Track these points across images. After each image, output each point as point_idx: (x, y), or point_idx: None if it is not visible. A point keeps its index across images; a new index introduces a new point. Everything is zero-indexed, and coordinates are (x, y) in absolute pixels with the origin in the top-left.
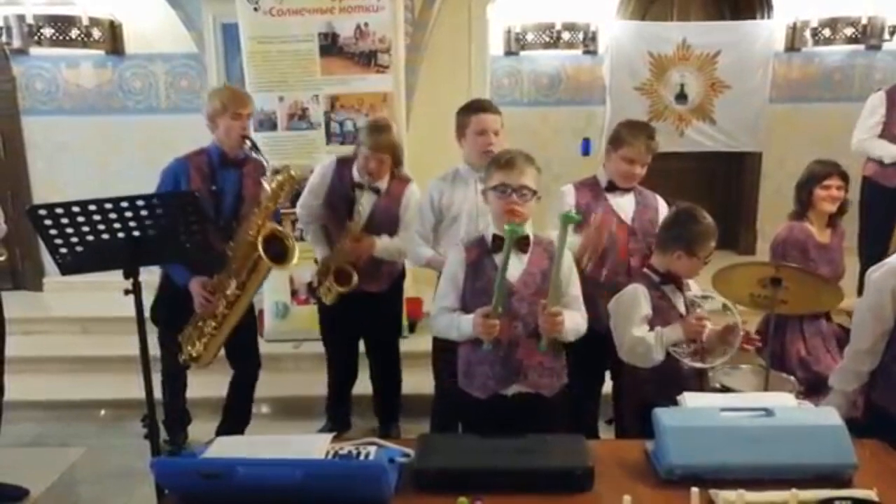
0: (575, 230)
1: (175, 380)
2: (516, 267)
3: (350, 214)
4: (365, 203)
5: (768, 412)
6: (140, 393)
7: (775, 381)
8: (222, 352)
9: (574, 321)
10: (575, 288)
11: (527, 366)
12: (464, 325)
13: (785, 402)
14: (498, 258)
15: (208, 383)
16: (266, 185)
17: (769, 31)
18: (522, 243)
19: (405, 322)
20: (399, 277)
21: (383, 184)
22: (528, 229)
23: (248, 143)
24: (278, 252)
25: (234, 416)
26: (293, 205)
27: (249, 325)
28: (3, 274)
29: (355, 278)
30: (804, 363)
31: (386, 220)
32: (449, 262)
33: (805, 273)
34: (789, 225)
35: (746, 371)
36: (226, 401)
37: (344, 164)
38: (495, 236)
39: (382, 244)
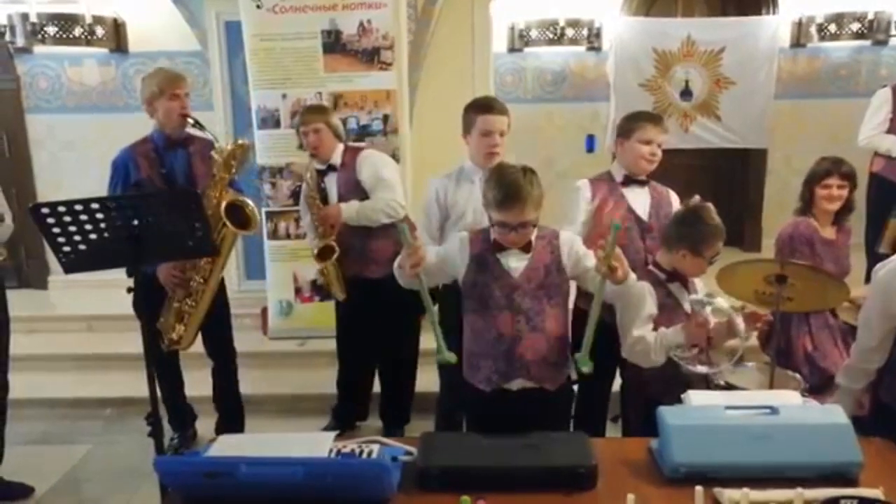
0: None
1: (168, 373)
2: (519, 262)
3: (325, 203)
4: (329, 184)
5: (773, 410)
6: (144, 391)
7: (781, 378)
8: None
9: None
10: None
11: (529, 360)
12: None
13: (790, 401)
14: (500, 256)
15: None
16: (217, 157)
17: (774, 27)
18: (524, 245)
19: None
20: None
21: (337, 158)
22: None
23: (190, 121)
24: (240, 219)
25: (226, 409)
26: (296, 203)
27: (222, 314)
28: (9, 272)
29: (336, 249)
30: (811, 358)
31: (352, 192)
32: (451, 244)
33: (811, 269)
34: (794, 221)
35: (751, 369)
36: (213, 395)
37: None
38: (497, 241)
39: (349, 207)
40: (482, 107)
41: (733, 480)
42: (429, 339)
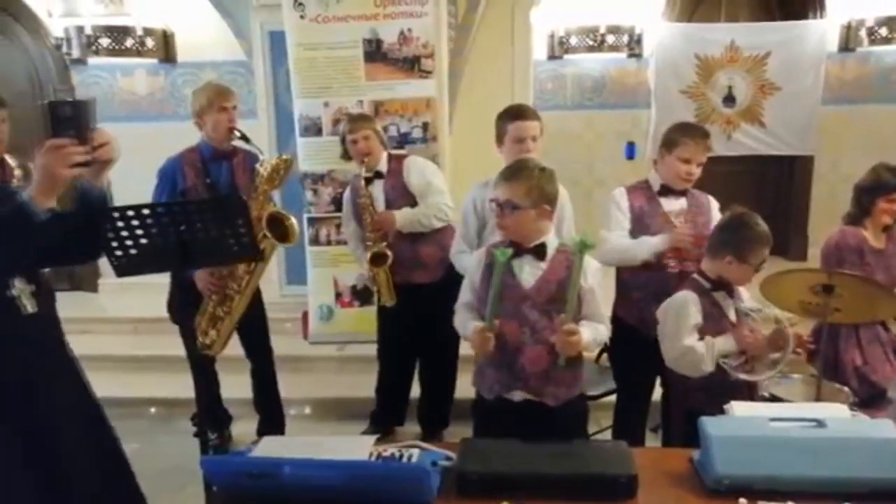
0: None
1: (204, 376)
2: (533, 273)
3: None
4: (376, 191)
5: (820, 423)
6: (187, 392)
7: (828, 391)
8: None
9: (595, 332)
10: (595, 304)
11: (530, 373)
12: (468, 331)
13: (838, 414)
14: (515, 263)
15: (249, 383)
16: (261, 170)
17: (822, 31)
18: (539, 251)
19: None
20: (451, 266)
21: (383, 165)
22: (551, 237)
23: (236, 133)
24: (280, 231)
25: (266, 411)
26: (337, 209)
27: (260, 316)
28: (62, 275)
29: (389, 255)
30: (861, 373)
31: (400, 198)
32: (472, 261)
33: (860, 280)
34: (842, 230)
35: (797, 381)
36: (253, 397)
37: (356, 177)
38: (512, 243)
39: (401, 214)
40: (514, 114)
41: (778, 494)
42: (465, 343)
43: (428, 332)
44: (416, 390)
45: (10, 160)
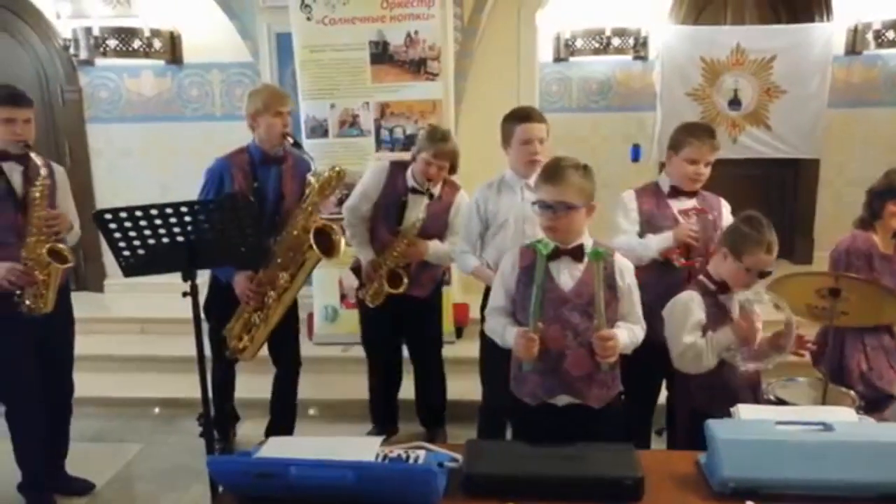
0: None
1: (224, 378)
2: (571, 275)
3: (399, 219)
4: (416, 205)
5: (827, 426)
6: (192, 392)
7: (834, 394)
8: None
9: (631, 334)
10: (632, 303)
11: (574, 376)
12: (507, 336)
13: (845, 417)
14: (553, 266)
15: (258, 384)
16: (312, 181)
17: (828, 35)
18: (577, 252)
19: (452, 328)
20: (440, 283)
21: (436, 190)
22: (586, 238)
23: (289, 140)
24: (326, 246)
25: (280, 414)
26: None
27: (290, 323)
28: (69, 275)
29: (406, 281)
30: (865, 378)
31: (437, 225)
32: (503, 264)
33: (867, 284)
34: (853, 234)
35: (803, 384)
36: (271, 399)
37: (398, 168)
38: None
39: (433, 248)
40: (520, 116)
41: (784, 497)
42: (462, 348)
43: (415, 337)
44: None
45: (36, 159)
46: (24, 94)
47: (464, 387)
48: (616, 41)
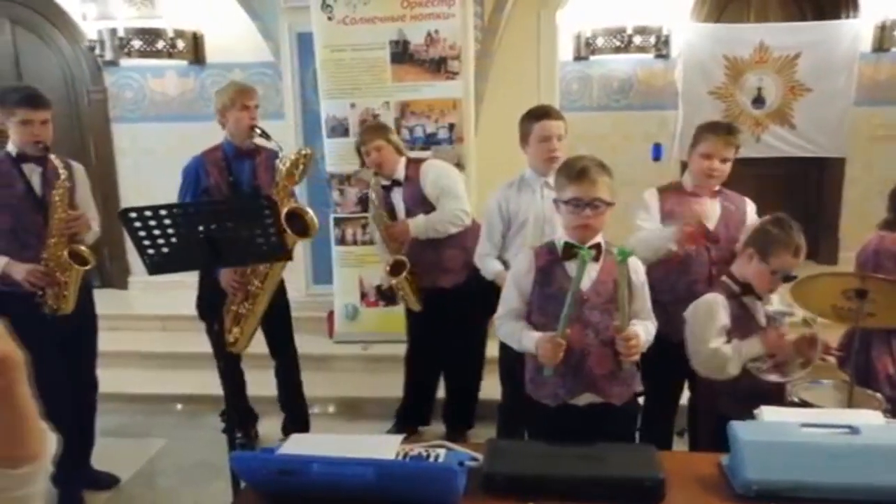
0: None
1: (230, 374)
2: (588, 275)
3: (393, 217)
4: (395, 199)
5: (853, 430)
6: (214, 389)
7: (860, 397)
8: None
9: (647, 332)
10: (644, 300)
11: (597, 375)
12: (525, 341)
13: (871, 420)
14: (569, 266)
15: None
16: (280, 166)
17: (855, 31)
18: (594, 251)
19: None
20: (475, 269)
21: (401, 173)
22: (600, 237)
23: (257, 130)
24: (300, 227)
25: (290, 409)
26: (363, 210)
27: (284, 315)
28: (93, 272)
29: (407, 263)
30: (892, 381)
31: (419, 205)
32: (516, 266)
33: (894, 284)
34: (880, 235)
35: (828, 386)
36: (279, 395)
37: (372, 187)
38: (566, 244)
39: (416, 222)
40: (538, 114)
41: (808, 501)
42: (493, 346)
43: (455, 334)
44: (441, 391)
45: (55, 160)
46: (42, 95)
47: (484, 386)
48: (637, 39)
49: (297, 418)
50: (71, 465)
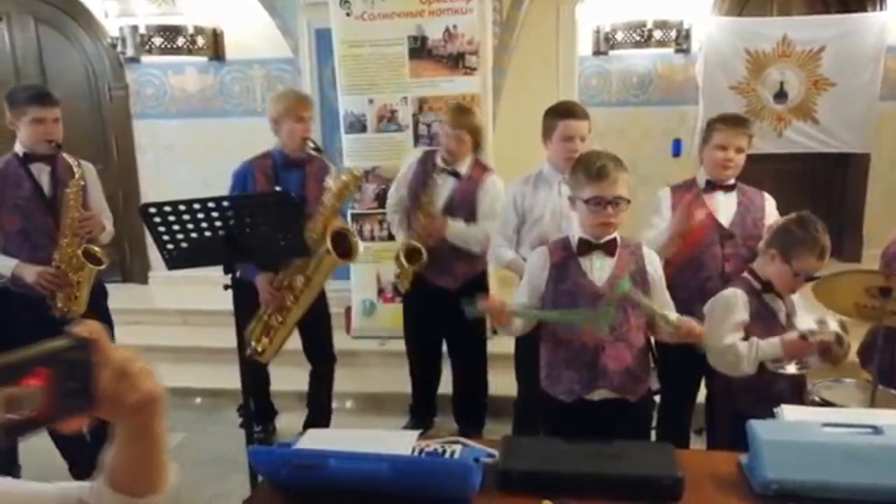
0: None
1: (256, 371)
2: (602, 269)
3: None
4: (444, 185)
5: (876, 430)
6: (233, 383)
7: (883, 397)
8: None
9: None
10: (663, 291)
11: (613, 370)
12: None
13: (895, 420)
14: (583, 261)
15: (294, 377)
16: (331, 184)
17: (881, 25)
18: (609, 246)
19: (489, 324)
20: (477, 279)
21: (465, 169)
22: (616, 232)
23: (310, 144)
24: (344, 249)
25: (316, 409)
26: (381, 206)
27: (324, 321)
28: (113, 267)
29: (424, 256)
30: None
31: (464, 206)
32: (531, 262)
33: None
34: None
35: (850, 385)
36: (308, 395)
37: (429, 154)
38: (581, 240)
39: (455, 227)
40: (564, 112)
41: (829, 501)
42: (500, 344)
43: (453, 334)
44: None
45: (68, 158)
46: (51, 93)
47: (500, 383)
48: (657, 34)
49: (319, 418)
50: (89, 466)
